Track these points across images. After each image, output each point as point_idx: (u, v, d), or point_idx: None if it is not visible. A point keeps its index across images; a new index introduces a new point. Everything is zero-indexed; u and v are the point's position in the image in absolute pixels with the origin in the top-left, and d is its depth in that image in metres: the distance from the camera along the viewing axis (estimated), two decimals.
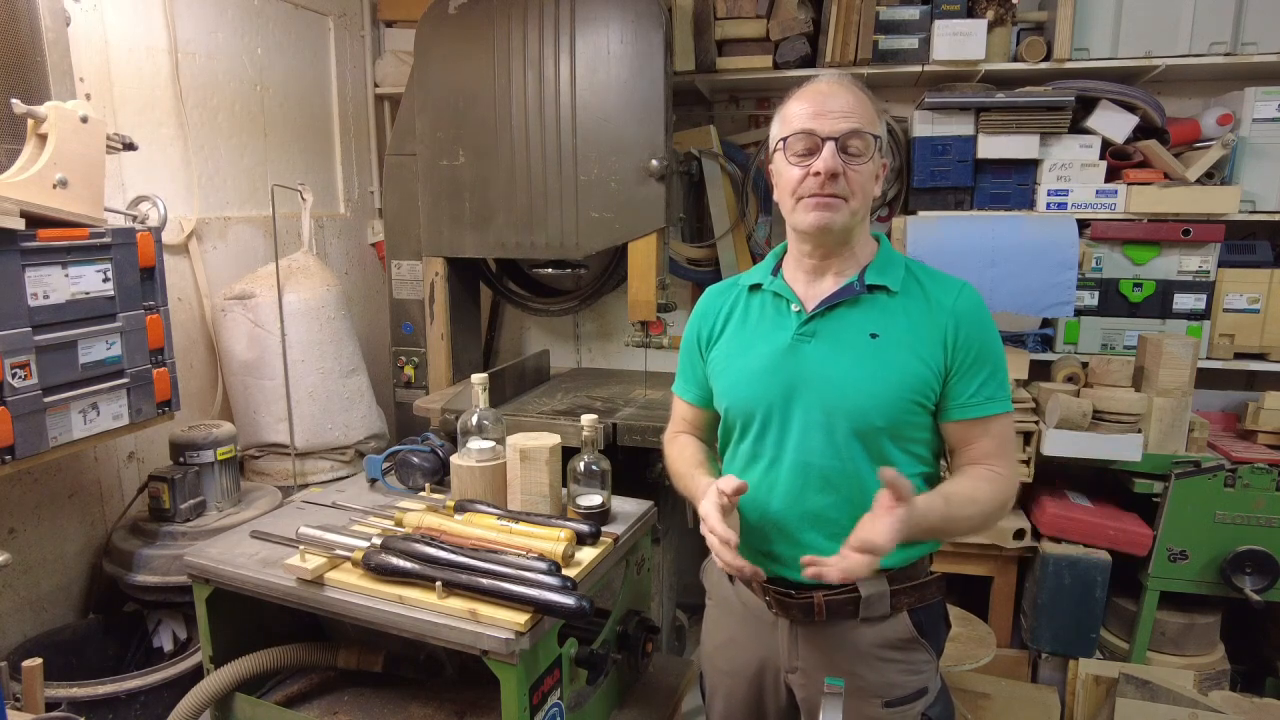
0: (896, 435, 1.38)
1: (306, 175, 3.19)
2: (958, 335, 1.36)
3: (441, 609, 1.38)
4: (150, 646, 2.33)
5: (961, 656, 2.25)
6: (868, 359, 1.36)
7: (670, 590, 2.55)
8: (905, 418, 1.37)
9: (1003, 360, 1.41)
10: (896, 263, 1.43)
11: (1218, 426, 2.83)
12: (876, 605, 1.41)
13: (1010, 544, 2.65)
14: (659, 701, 1.78)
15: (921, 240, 2.76)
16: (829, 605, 1.41)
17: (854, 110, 1.34)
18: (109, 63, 2.38)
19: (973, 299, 1.40)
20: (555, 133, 2.58)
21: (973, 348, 1.36)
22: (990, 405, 1.38)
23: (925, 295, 1.40)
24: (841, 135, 1.32)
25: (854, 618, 1.41)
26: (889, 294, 1.40)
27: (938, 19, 2.78)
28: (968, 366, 1.36)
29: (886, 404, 1.35)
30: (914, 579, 1.44)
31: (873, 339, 1.37)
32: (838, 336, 1.39)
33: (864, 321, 1.39)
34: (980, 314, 1.39)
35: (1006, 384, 1.40)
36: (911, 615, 1.43)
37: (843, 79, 1.39)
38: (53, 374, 1.81)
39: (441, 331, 2.94)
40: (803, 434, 1.39)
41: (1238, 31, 2.64)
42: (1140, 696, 2.34)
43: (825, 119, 1.33)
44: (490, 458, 1.76)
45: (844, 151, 1.33)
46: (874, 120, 1.37)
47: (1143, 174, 2.75)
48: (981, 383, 1.37)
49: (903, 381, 1.35)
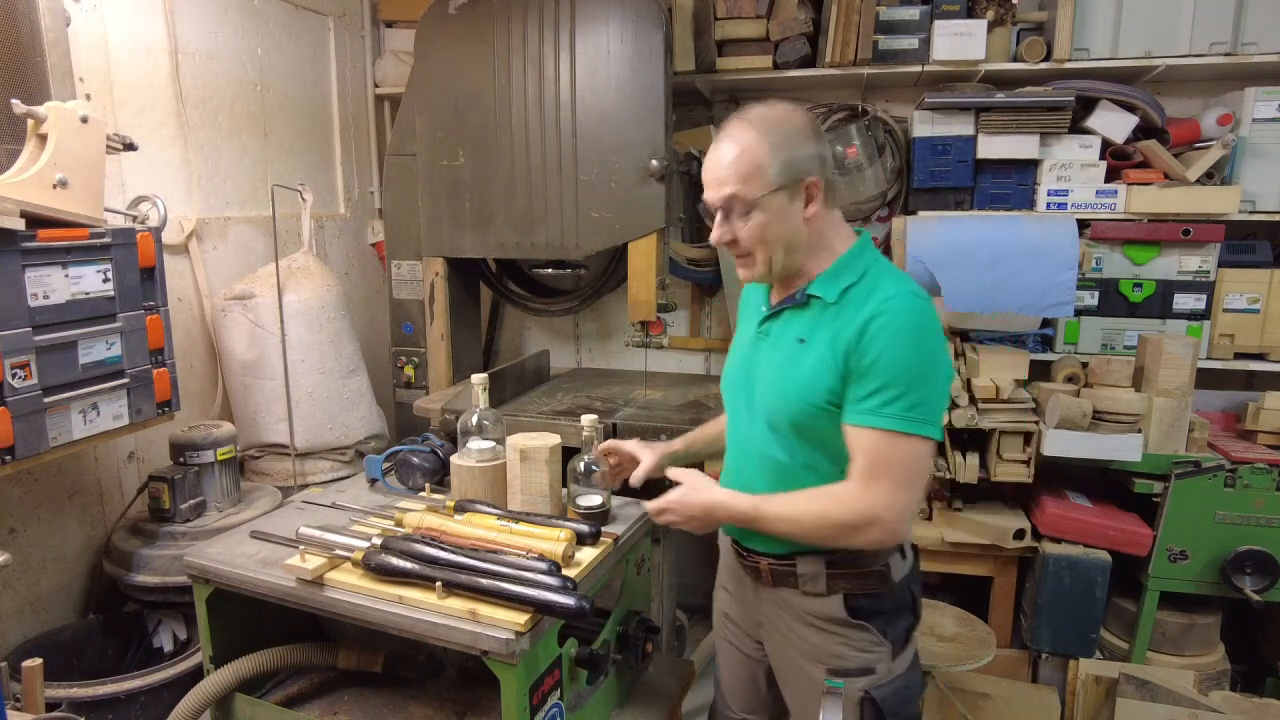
0: (807, 433, 1.44)
1: (306, 175, 3.20)
2: (860, 340, 1.35)
3: (441, 609, 1.38)
4: (150, 647, 2.33)
5: (961, 656, 2.25)
6: (789, 362, 1.45)
7: (670, 590, 2.55)
8: (811, 419, 1.42)
9: (913, 380, 1.32)
10: (850, 272, 1.43)
11: (1218, 426, 2.82)
12: (813, 581, 1.49)
13: (1010, 544, 2.66)
14: (659, 701, 1.78)
15: (921, 240, 2.76)
16: (773, 571, 1.53)
17: (731, 172, 1.39)
18: (109, 63, 2.38)
19: (895, 309, 1.34)
20: (555, 133, 2.58)
21: (868, 355, 1.34)
22: (868, 417, 1.34)
23: (859, 303, 1.38)
24: (721, 203, 1.41)
25: (796, 588, 1.51)
26: (825, 303, 1.44)
27: (938, 19, 2.78)
28: (860, 374, 1.35)
29: (792, 404, 1.43)
30: (854, 566, 1.48)
31: (799, 344, 1.45)
32: (778, 339, 1.50)
33: (798, 327, 1.47)
34: (895, 325, 1.33)
35: (910, 405, 1.32)
36: (848, 598, 1.48)
37: (741, 121, 1.41)
38: (53, 374, 1.81)
39: (441, 332, 2.94)
40: (748, 421, 1.54)
41: (1238, 31, 2.64)
42: (1140, 697, 2.34)
43: (711, 187, 1.43)
44: (490, 458, 1.76)
45: (730, 213, 1.41)
46: (757, 168, 1.37)
47: (1143, 174, 2.75)
48: (869, 393, 1.34)
49: (809, 385, 1.41)
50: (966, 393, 2.59)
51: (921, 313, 1.36)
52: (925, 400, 1.33)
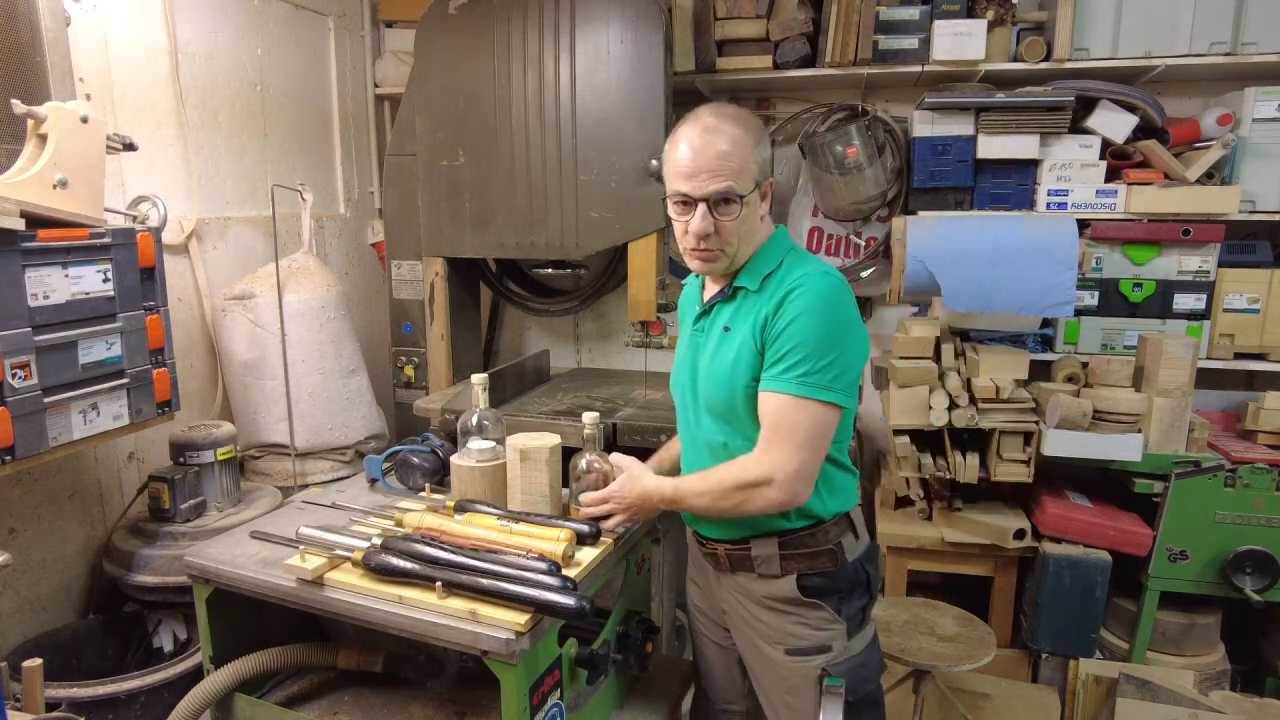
0: (741, 413, 1.50)
1: (306, 175, 3.20)
2: (775, 314, 1.44)
3: (441, 609, 1.38)
4: (150, 647, 2.33)
5: (961, 656, 2.25)
6: (718, 350, 1.54)
7: (670, 590, 2.55)
8: (740, 399, 1.49)
9: (819, 349, 1.40)
10: (769, 260, 1.52)
11: (1218, 426, 2.82)
12: (767, 564, 1.55)
13: (1010, 544, 2.66)
14: (659, 701, 1.78)
15: (921, 241, 2.76)
16: (730, 557, 1.60)
17: (725, 166, 1.41)
18: (109, 63, 2.38)
19: (806, 285, 1.43)
20: (555, 133, 2.58)
21: (779, 325, 1.42)
22: (773, 383, 1.43)
23: (777, 286, 1.47)
24: (711, 197, 1.42)
25: (752, 571, 1.57)
26: (748, 292, 1.52)
27: (938, 19, 2.78)
28: (770, 342, 1.44)
29: (722, 387, 1.51)
30: (805, 547, 1.53)
31: (725, 332, 1.54)
32: (709, 332, 1.59)
33: (724, 318, 1.55)
34: (806, 299, 1.41)
35: (811, 371, 1.39)
36: (800, 578, 1.53)
37: (720, 116, 1.44)
38: (53, 374, 1.81)
39: (441, 331, 2.94)
40: (694, 412, 1.61)
41: (1238, 31, 2.64)
42: (1140, 696, 2.34)
43: (697, 179, 1.42)
44: (490, 458, 1.76)
45: (717, 206, 1.42)
46: (746, 164, 1.43)
47: (1143, 174, 2.75)
48: (776, 359, 1.43)
49: (734, 368, 1.49)
50: (966, 393, 2.59)
51: (831, 289, 1.44)
52: (830, 368, 1.40)
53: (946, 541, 2.71)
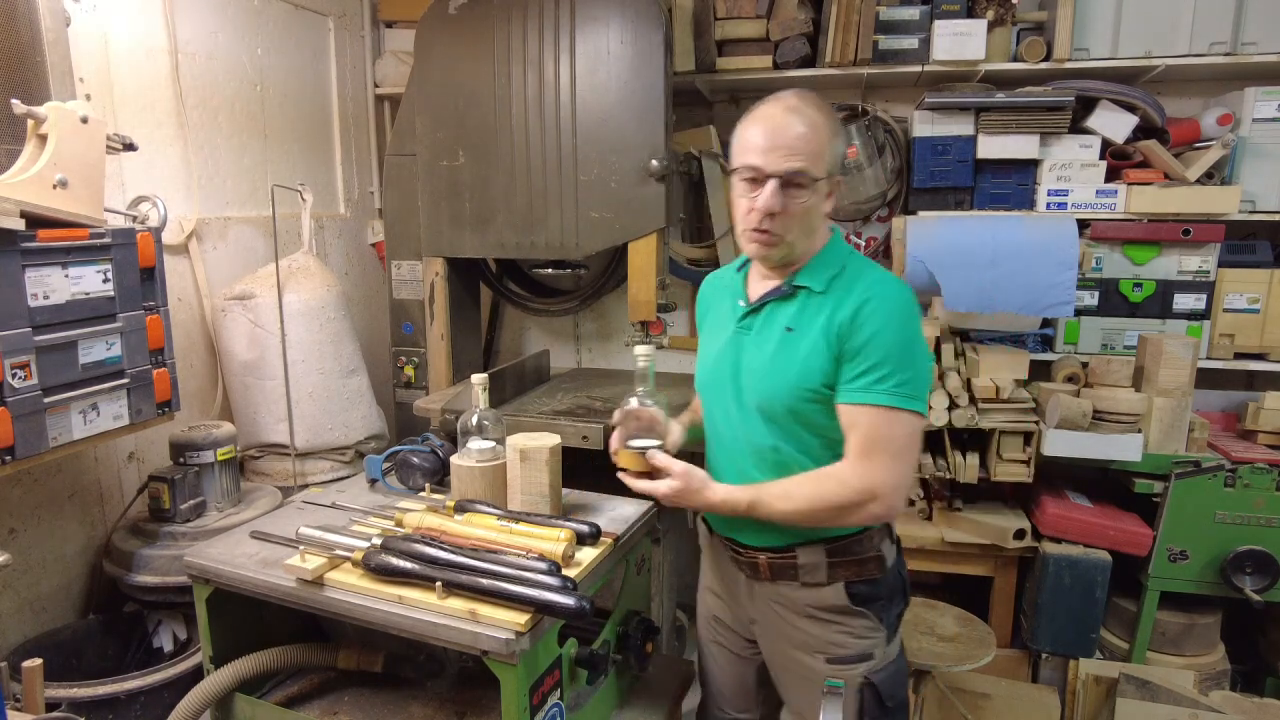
0: (802, 419, 1.47)
1: (306, 175, 3.19)
2: (852, 323, 1.41)
3: (441, 609, 1.38)
4: (150, 647, 2.33)
5: (961, 656, 2.25)
6: (779, 351, 1.49)
7: (670, 590, 2.55)
8: (804, 404, 1.46)
9: (903, 359, 1.39)
10: (832, 263, 1.50)
11: (1218, 426, 2.83)
12: (814, 572, 1.52)
13: (1010, 544, 2.66)
14: (659, 701, 1.78)
15: (921, 241, 2.76)
16: (772, 566, 1.55)
17: (803, 146, 1.39)
18: (109, 63, 2.37)
19: (884, 294, 1.42)
20: (555, 133, 2.58)
21: (861, 335, 1.40)
22: (862, 394, 1.40)
23: (846, 290, 1.45)
24: (785, 174, 1.39)
25: (795, 580, 1.54)
26: (811, 292, 1.49)
27: (938, 19, 2.78)
28: (853, 353, 1.41)
29: (786, 391, 1.46)
30: (853, 554, 1.52)
31: (788, 333, 1.49)
32: (763, 330, 1.53)
33: (785, 317, 1.50)
34: (885, 308, 1.40)
35: (900, 382, 1.38)
36: (849, 586, 1.52)
37: (803, 100, 1.43)
38: (53, 374, 1.81)
39: (441, 332, 2.94)
40: (740, 414, 1.55)
41: (1238, 31, 2.64)
42: (1140, 696, 2.34)
43: (773, 154, 1.40)
44: (490, 458, 1.76)
45: (787, 187, 1.40)
46: (822, 150, 1.41)
47: (1143, 174, 2.75)
48: (862, 372, 1.40)
49: (803, 371, 1.45)
50: (966, 393, 2.59)
51: (908, 299, 1.44)
52: (914, 378, 1.41)
53: (946, 541, 2.71)
